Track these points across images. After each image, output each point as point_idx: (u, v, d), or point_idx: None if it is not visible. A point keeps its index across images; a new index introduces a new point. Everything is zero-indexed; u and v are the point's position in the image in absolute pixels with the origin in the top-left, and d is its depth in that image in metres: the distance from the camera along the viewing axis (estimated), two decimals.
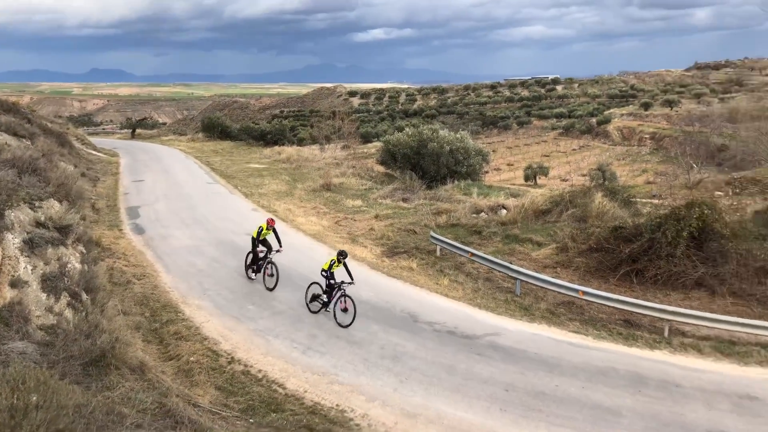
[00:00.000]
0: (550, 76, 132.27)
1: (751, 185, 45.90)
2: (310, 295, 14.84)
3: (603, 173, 49.47)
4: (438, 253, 19.52)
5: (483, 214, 24.52)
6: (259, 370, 11.92)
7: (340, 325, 13.93)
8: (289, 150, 47.93)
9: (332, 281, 14.20)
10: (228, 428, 9.14)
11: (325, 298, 14.42)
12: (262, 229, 16.33)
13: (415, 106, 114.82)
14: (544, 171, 57.25)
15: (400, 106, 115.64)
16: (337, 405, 10.82)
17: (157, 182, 32.17)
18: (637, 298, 15.83)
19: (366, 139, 73.47)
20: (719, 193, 46.32)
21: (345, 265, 14.19)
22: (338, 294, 14.18)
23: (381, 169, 38.17)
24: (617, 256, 17.78)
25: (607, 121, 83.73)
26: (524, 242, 21.05)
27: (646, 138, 74.32)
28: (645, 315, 14.80)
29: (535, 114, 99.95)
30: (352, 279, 14.15)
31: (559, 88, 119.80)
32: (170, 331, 13.48)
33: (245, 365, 12.12)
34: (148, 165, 39.61)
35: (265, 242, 16.47)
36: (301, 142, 60.29)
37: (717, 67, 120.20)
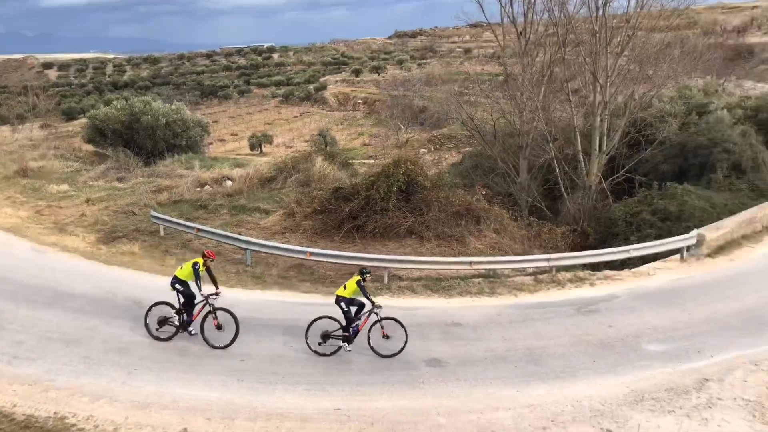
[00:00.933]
0: (266, 44, 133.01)
1: (447, 141, 52.39)
2: (319, 335, 11.66)
3: (324, 138, 51.80)
4: (162, 232, 18.49)
5: (207, 187, 23.89)
6: None
7: (383, 355, 11.58)
8: None
9: (365, 302, 11.57)
10: None
11: (341, 332, 11.67)
12: (198, 266, 11.82)
13: (125, 77, 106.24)
14: (268, 139, 57.82)
15: (107, 78, 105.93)
16: (55, 413, 9.71)
17: None
18: (359, 251, 17.00)
19: (70, 116, 66.04)
20: (423, 149, 51.98)
21: (361, 287, 11.56)
22: (373, 320, 11.72)
23: (90, 148, 34.65)
24: (339, 215, 18.83)
25: (323, 88, 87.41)
26: (252, 211, 21.08)
27: (359, 103, 79.52)
28: (367, 266, 15.97)
29: (255, 82, 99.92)
30: (373, 301, 11.63)
31: (275, 56, 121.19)
32: None
33: None
34: None
35: (188, 286, 12.02)
36: None
37: (414, 35, 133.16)
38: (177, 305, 12.08)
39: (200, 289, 11.77)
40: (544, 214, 25.58)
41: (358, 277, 11.65)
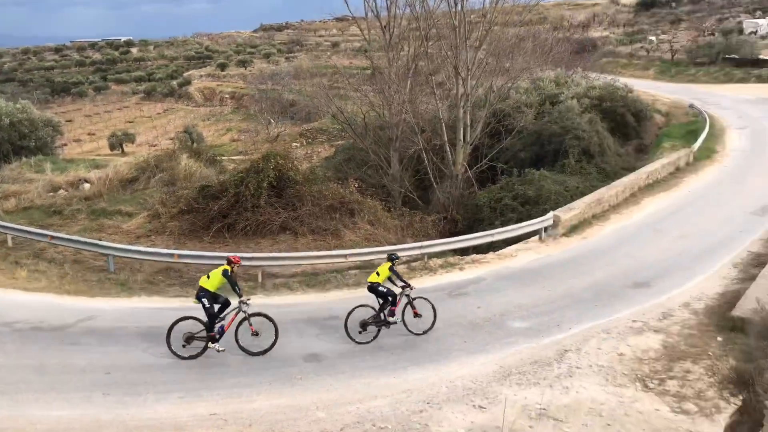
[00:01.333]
0: (123, 38, 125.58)
1: (319, 134, 52.29)
2: (358, 323, 12.06)
3: (190, 135, 49.83)
4: (10, 242, 16.93)
5: (62, 191, 22.23)
6: None
7: (416, 333, 12.28)
8: None
9: (397, 286, 12.29)
10: None
11: (375, 318, 12.20)
12: (229, 273, 11.30)
13: None
14: (130, 138, 54.70)
15: None
16: None
17: None
18: (231, 250, 16.54)
19: None
20: (296, 144, 51.52)
21: (394, 272, 12.32)
22: (404, 302, 12.33)
23: None
24: (208, 214, 18.23)
25: (188, 83, 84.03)
26: (113, 215, 19.95)
27: (226, 98, 77.30)
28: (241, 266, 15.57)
29: (113, 78, 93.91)
30: (407, 283, 12.41)
31: (134, 50, 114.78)
32: None
33: None
34: None
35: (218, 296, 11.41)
36: None
37: (280, 28, 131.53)
38: (204, 318, 11.30)
39: (240, 295, 11.25)
40: (417, 203, 26.35)
41: (389, 263, 12.33)
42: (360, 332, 12.06)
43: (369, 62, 37.50)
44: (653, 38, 79.90)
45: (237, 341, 11.40)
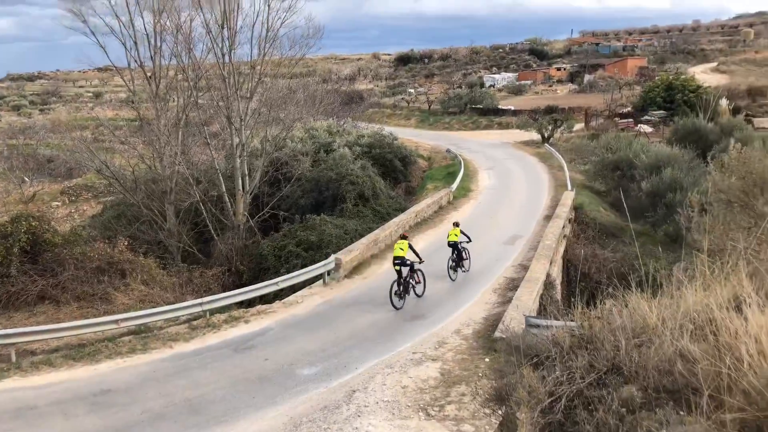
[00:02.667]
0: None
1: (84, 191, 48.03)
2: (451, 265, 18.32)
3: None
4: None
5: None
6: None
7: (465, 271, 18.86)
8: None
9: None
10: None
11: (455, 263, 18.46)
12: (410, 243, 16.79)
13: None
14: None
15: None
16: None
17: None
18: None
19: None
20: (57, 203, 46.67)
21: (462, 232, 18.60)
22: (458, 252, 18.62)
23: None
24: None
25: None
26: None
27: None
28: None
29: None
30: (470, 238, 18.76)
31: None
32: None
33: None
34: None
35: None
36: None
37: (31, 78, 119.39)
38: (401, 280, 16.24)
39: (420, 259, 16.53)
40: (198, 258, 25.34)
41: (457, 228, 18.60)
42: (453, 272, 18.41)
43: (136, 113, 35.59)
44: (412, 90, 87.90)
45: (414, 290, 16.65)
